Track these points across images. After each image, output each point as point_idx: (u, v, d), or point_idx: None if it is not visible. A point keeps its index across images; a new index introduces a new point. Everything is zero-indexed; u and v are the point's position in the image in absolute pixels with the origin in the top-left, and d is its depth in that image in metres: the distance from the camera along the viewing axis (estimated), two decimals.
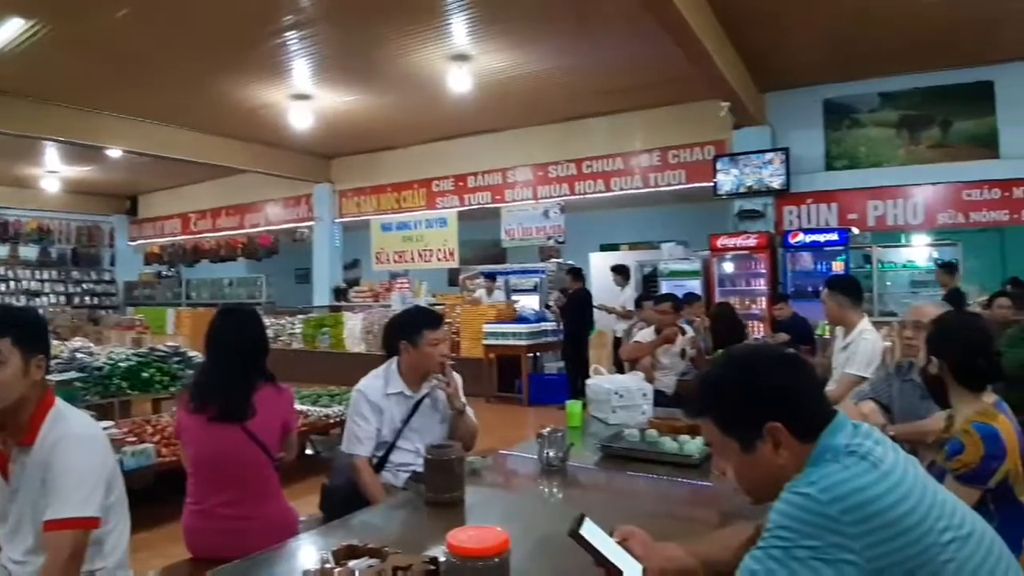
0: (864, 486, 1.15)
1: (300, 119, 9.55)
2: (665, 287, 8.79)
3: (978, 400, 2.12)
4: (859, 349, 3.63)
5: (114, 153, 11.49)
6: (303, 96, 9.19)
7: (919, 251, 9.52)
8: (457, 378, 2.84)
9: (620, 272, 9.32)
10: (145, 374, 6.82)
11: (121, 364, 6.73)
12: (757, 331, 8.26)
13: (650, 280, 10.11)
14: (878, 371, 3.32)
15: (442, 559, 1.45)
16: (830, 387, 3.64)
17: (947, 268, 7.86)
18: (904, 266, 9.33)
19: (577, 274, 9.17)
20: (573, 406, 3.35)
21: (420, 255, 12.35)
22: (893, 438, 2.80)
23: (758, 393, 1.32)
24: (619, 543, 1.53)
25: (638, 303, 7.06)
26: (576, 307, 8.87)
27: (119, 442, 4.37)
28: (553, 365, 9.38)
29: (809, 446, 1.28)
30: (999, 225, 8.62)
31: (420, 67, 8.15)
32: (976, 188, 8.18)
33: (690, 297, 6.75)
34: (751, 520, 1.48)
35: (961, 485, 1.98)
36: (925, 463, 2.34)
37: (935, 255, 9.22)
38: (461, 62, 7.92)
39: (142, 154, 11.02)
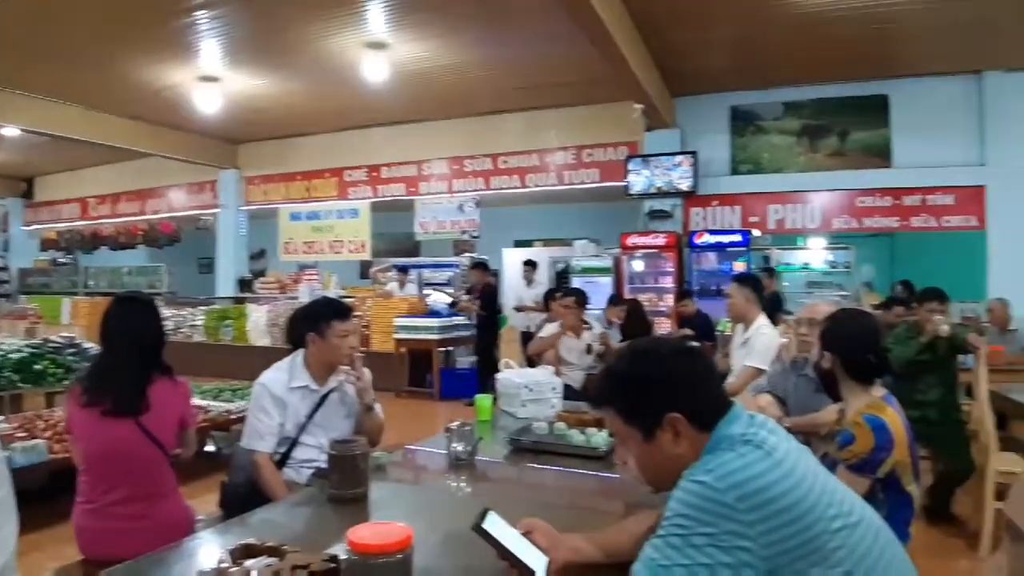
0: (758, 473, 1.18)
1: (207, 102, 9.17)
2: (577, 284, 8.91)
3: (868, 393, 2.22)
4: (758, 343, 3.78)
5: (9, 132, 10.78)
6: (211, 78, 8.82)
7: (816, 254, 10.02)
8: (367, 372, 2.79)
9: (528, 266, 9.42)
10: (38, 366, 6.41)
11: (12, 356, 6.31)
12: (664, 327, 8.50)
13: (562, 276, 10.26)
14: (775, 366, 3.47)
15: (343, 557, 1.40)
16: (730, 380, 3.78)
17: (768, 272, 8.18)
18: (801, 268, 9.80)
19: (484, 268, 9.18)
20: (482, 400, 3.34)
21: (330, 246, 12.08)
22: (788, 430, 2.93)
23: (659, 384, 1.35)
24: (524, 536, 1.53)
25: (547, 298, 7.13)
26: (487, 302, 8.88)
27: (8, 438, 4.18)
28: (465, 360, 9.37)
29: (707, 435, 1.31)
30: (890, 231, 9.17)
31: (335, 53, 7.96)
32: (869, 195, 8.66)
33: (615, 300, 6.87)
34: (654, 509, 1.50)
35: (852, 475, 2.07)
36: (818, 454, 2.45)
37: (830, 258, 9.72)
38: (378, 50, 7.78)
39: (39, 133, 10.35)
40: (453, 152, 10.93)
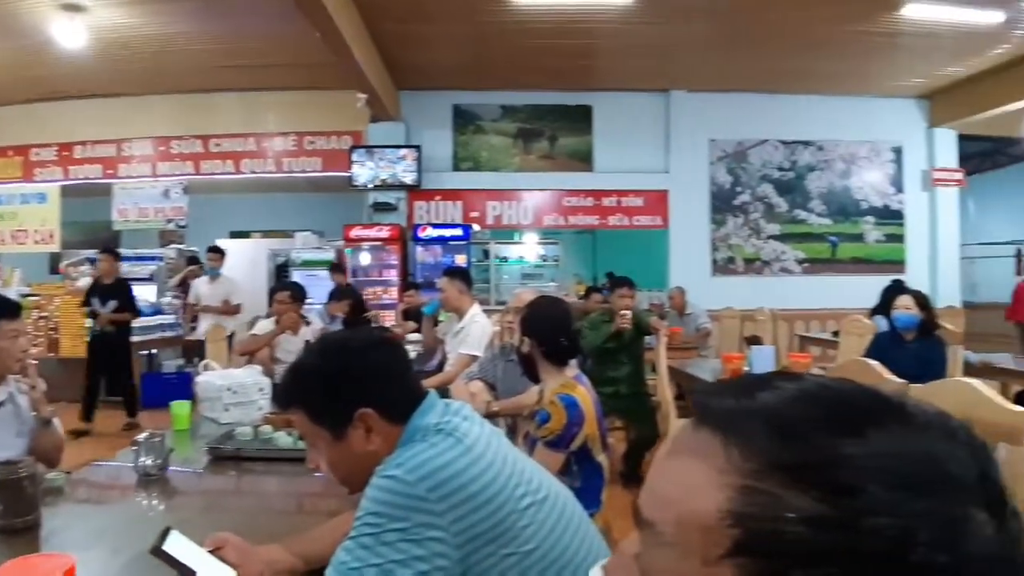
0: (449, 461, 1.19)
1: None
2: (298, 277, 8.55)
3: (562, 374, 2.39)
4: (472, 331, 3.93)
5: None
6: None
7: (529, 248, 10.73)
8: (41, 383, 2.39)
9: (215, 254, 8.07)
10: None
11: None
12: (389, 320, 8.50)
13: (283, 270, 9.80)
14: (487, 353, 3.62)
15: None
16: (447, 368, 3.88)
17: (336, 268, 8.62)
18: (516, 261, 10.42)
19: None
20: (178, 407, 3.03)
21: (12, 236, 10.26)
22: (497, 413, 3.06)
23: (346, 380, 1.30)
24: (212, 553, 1.40)
25: (271, 294, 6.75)
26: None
27: None
28: (173, 363, 8.55)
29: (400, 428, 1.29)
30: (592, 228, 10.09)
31: (21, 13, 6.76)
32: (575, 196, 9.46)
33: (336, 293, 6.60)
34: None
35: (549, 451, 2.21)
36: (522, 433, 2.60)
37: (542, 252, 10.46)
38: (73, 12, 6.73)
39: None
40: (159, 131, 9.81)
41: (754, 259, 9.69)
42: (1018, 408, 1.77)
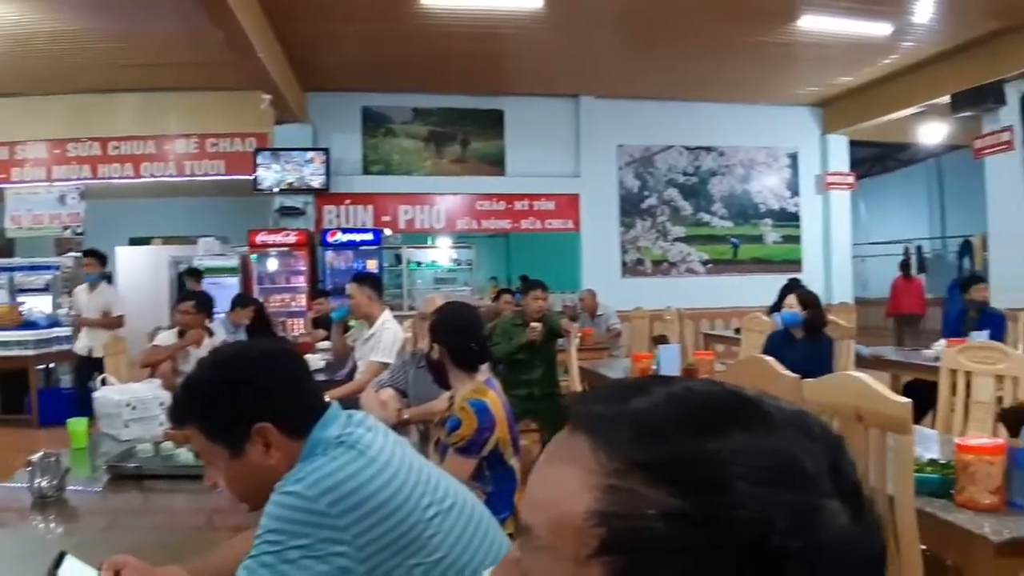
0: (350, 475, 1.18)
1: None
2: (201, 285, 8.27)
3: (472, 380, 2.42)
4: (382, 338, 3.91)
5: None
6: None
7: (442, 252, 10.71)
8: None
9: (93, 257, 7.05)
10: None
11: None
12: (297, 328, 8.34)
13: (186, 277, 9.42)
14: (398, 359, 3.62)
15: None
16: (357, 376, 3.85)
17: (192, 274, 8.60)
18: (430, 265, 10.39)
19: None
20: (75, 424, 2.90)
21: None
22: (408, 420, 3.06)
23: (241, 393, 1.26)
24: None
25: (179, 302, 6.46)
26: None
27: None
28: (70, 378, 8.10)
29: (301, 442, 1.26)
30: (505, 232, 10.18)
31: None
32: (487, 200, 9.53)
33: (240, 301, 6.34)
34: None
35: (460, 457, 2.24)
36: (434, 440, 2.62)
37: (455, 256, 10.47)
38: None
39: None
40: (54, 133, 9.26)
41: (661, 261, 10.01)
42: (902, 399, 1.91)
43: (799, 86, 9.59)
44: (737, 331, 6.84)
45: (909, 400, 1.89)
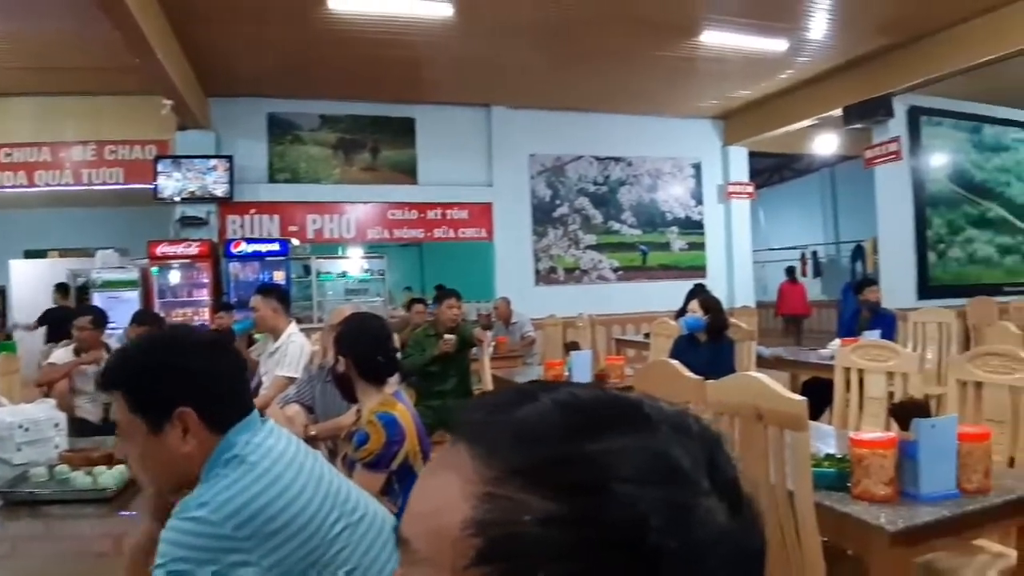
0: (255, 496, 1.16)
1: None
2: (98, 300, 7.84)
3: (380, 392, 2.36)
4: (288, 352, 3.79)
5: None
6: None
7: (353, 263, 10.53)
8: None
9: None
10: None
11: None
12: None
13: (83, 292, 8.92)
14: (304, 374, 3.51)
15: None
16: (262, 391, 3.72)
17: (59, 288, 8.32)
18: (340, 276, 10.18)
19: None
20: None
21: None
22: (316, 436, 2.97)
23: (172, 372, 1.25)
24: None
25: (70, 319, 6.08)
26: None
27: None
28: None
29: (218, 438, 1.25)
30: (417, 241, 10.08)
31: None
32: (399, 209, 9.41)
33: (140, 318, 5.99)
34: None
35: (369, 472, 2.18)
36: (341, 456, 2.54)
37: (366, 266, 10.31)
38: None
39: None
40: None
41: (574, 268, 10.14)
42: (798, 398, 1.98)
43: (702, 99, 9.93)
44: (647, 336, 6.99)
45: (805, 398, 1.96)
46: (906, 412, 2.20)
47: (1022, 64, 7.60)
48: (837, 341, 5.20)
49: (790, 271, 13.29)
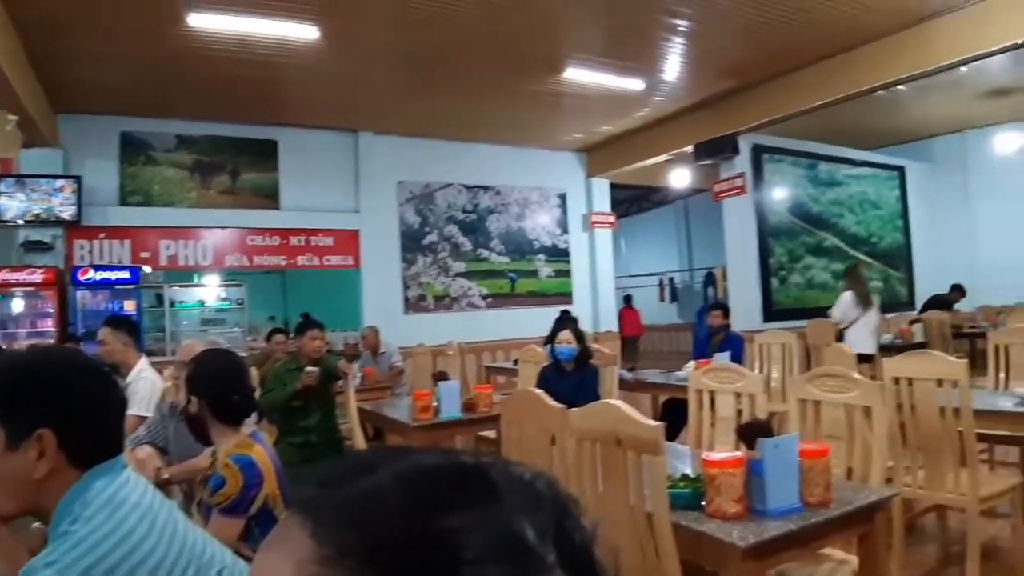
0: (104, 555, 1.09)
1: None
2: None
3: (236, 433, 2.22)
4: (138, 389, 3.54)
5: None
6: None
7: (210, 291, 10.01)
8: None
9: None
10: None
11: None
12: None
13: None
14: (156, 412, 3.28)
15: None
16: None
17: None
18: (196, 305, 9.65)
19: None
20: None
21: None
22: (169, 480, 2.78)
23: (46, 390, 1.16)
24: None
25: None
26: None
27: None
28: None
29: (76, 473, 1.16)
30: (279, 269, 9.73)
31: None
32: (260, 234, 9.04)
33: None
34: None
35: (226, 518, 2.05)
36: (196, 501, 2.38)
37: (223, 295, 9.83)
38: None
39: None
40: None
41: (443, 296, 10.13)
42: (653, 424, 2.05)
43: (566, 132, 10.28)
44: (515, 362, 7.07)
45: (661, 424, 2.04)
46: (751, 432, 2.34)
47: (851, 107, 8.43)
48: (692, 363, 5.48)
49: (627, 298, 14.68)
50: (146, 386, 3.55)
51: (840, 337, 6.98)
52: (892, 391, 3.29)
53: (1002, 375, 4.51)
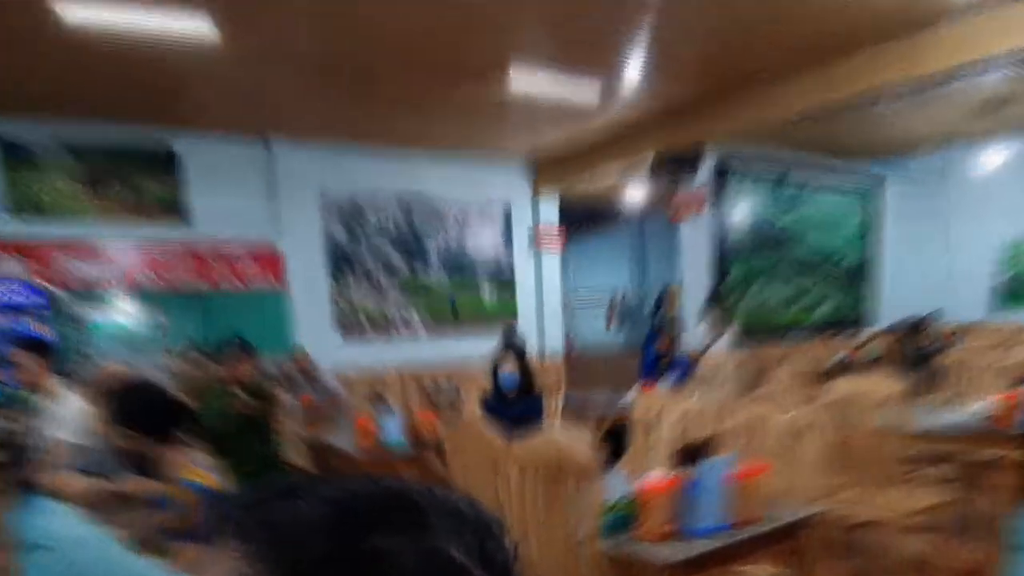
0: None
1: None
2: None
3: (184, 457, 2.43)
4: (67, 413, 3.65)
5: None
6: None
7: (122, 312, 9.85)
8: None
9: None
10: None
11: None
12: None
13: None
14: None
15: None
16: None
17: None
18: (99, 327, 9.48)
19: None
20: None
21: None
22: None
23: None
24: None
25: None
26: None
27: None
28: None
29: None
30: (195, 289, 9.43)
31: None
32: (168, 252, 8.93)
33: None
34: None
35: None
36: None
37: (139, 317, 9.70)
38: None
39: None
40: None
41: (379, 317, 10.22)
42: (590, 453, 2.37)
43: (512, 144, 10.43)
44: (458, 389, 7.27)
45: (596, 453, 2.37)
46: (688, 454, 2.67)
47: (813, 126, 8.81)
48: (637, 386, 5.83)
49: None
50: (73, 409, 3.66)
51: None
52: (833, 411, 3.69)
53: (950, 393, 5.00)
